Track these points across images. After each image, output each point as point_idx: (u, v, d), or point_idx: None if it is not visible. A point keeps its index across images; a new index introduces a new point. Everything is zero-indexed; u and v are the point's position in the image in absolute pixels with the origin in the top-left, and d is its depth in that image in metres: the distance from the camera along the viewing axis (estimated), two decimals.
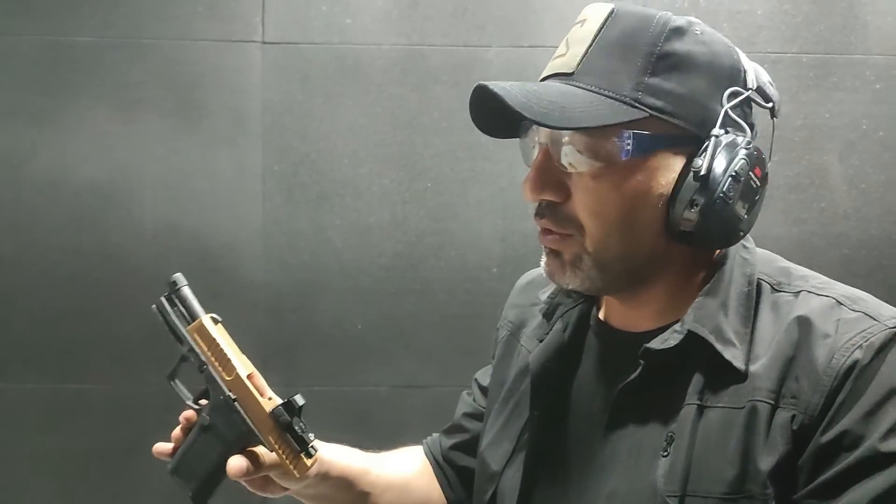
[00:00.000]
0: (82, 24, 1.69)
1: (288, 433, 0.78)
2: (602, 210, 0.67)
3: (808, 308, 0.66)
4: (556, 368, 0.79)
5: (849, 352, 0.62)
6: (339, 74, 1.72)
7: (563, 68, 0.68)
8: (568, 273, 0.70)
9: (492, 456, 0.83)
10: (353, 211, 1.74)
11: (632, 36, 0.66)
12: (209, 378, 0.80)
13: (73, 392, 1.72)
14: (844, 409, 0.61)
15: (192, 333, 0.80)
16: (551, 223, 0.69)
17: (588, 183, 0.67)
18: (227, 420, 0.79)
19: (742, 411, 0.64)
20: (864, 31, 1.73)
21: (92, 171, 1.70)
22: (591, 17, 0.69)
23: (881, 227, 1.75)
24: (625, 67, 0.65)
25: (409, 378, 1.76)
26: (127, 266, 1.71)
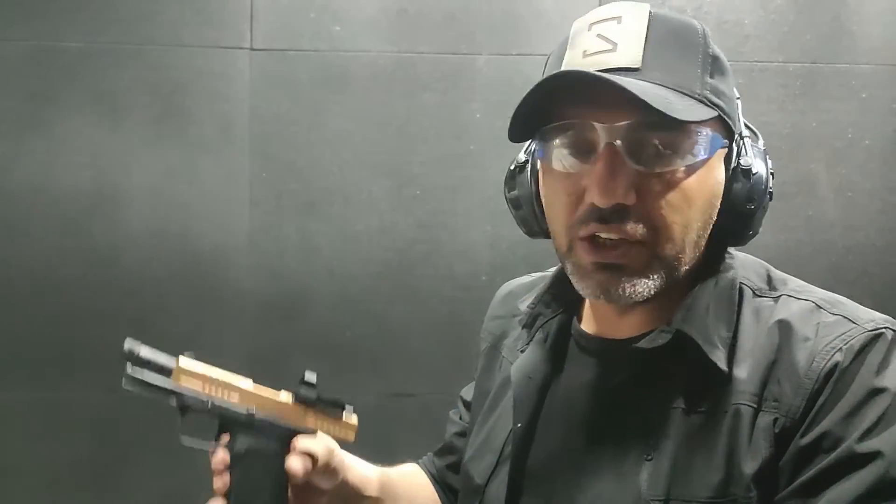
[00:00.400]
0: (68, 30, 1.68)
1: (320, 407, 0.78)
2: (685, 210, 0.65)
3: (788, 312, 0.67)
4: (538, 379, 0.78)
5: (829, 354, 0.62)
6: (327, 81, 1.72)
7: (623, 63, 0.63)
8: (635, 284, 0.66)
9: (475, 469, 0.82)
10: (341, 218, 1.73)
11: (683, 35, 0.66)
12: (219, 410, 0.76)
13: (59, 400, 1.70)
14: (825, 411, 0.61)
15: (178, 381, 0.75)
16: (620, 228, 0.64)
17: (671, 181, 0.64)
18: (258, 435, 0.76)
19: (725, 415, 0.64)
20: (849, 40, 1.75)
21: (77, 178, 1.69)
22: (626, 14, 0.65)
23: (867, 235, 1.76)
24: (687, 66, 0.65)
25: (398, 386, 1.75)
26: (113, 274, 1.69)
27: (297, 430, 0.77)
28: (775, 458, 0.62)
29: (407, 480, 0.96)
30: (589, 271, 0.67)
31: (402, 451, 1.03)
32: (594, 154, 0.65)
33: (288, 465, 0.75)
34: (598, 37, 0.65)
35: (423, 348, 1.74)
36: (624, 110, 0.62)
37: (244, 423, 0.75)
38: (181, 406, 0.75)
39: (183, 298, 1.71)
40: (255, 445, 0.75)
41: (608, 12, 0.67)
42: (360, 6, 1.71)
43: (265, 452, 0.75)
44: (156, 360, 0.75)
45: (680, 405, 0.67)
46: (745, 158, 0.69)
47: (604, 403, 0.72)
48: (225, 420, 0.76)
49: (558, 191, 0.68)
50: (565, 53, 0.68)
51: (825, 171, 1.76)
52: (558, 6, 1.72)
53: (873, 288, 1.74)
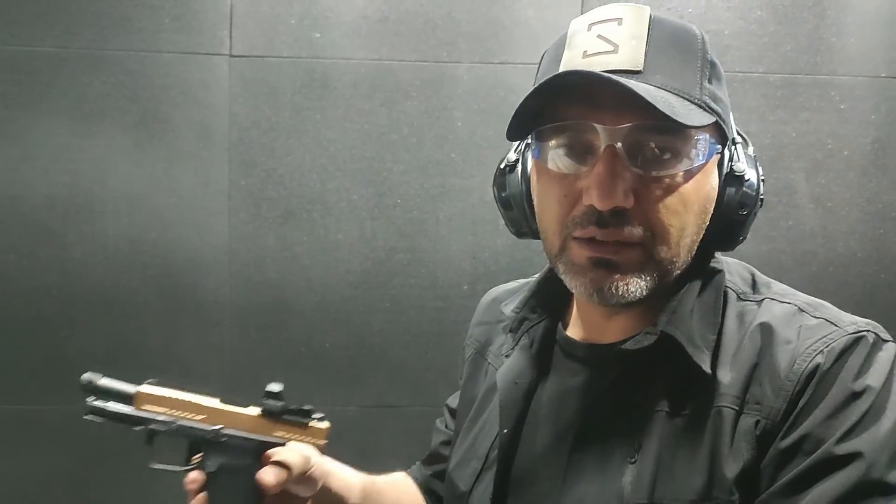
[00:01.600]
0: (43, 35, 1.65)
1: (287, 417, 0.78)
2: (682, 214, 0.65)
3: (770, 315, 0.68)
4: (523, 384, 0.78)
5: (810, 357, 0.63)
6: (307, 89, 1.70)
7: (625, 65, 0.63)
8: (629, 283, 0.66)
9: (459, 476, 0.82)
10: (321, 227, 1.71)
11: (684, 40, 0.66)
12: (186, 431, 0.76)
13: (31, 413, 1.67)
14: (806, 413, 0.62)
15: (142, 407, 0.76)
16: (617, 231, 0.64)
17: (669, 185, 0.64)
18: (229, 452, 0.76)
19: (708, 418, 0.65)
20: (828, 52, 1.76)
21: (51, 186, 1.66)
22: (627, 15, 0.65)
23: (847, 245, 1.77)
24: (688, 70, 0.65)
25: (378, 397, 1.73)
26: (87, 283, 1.67)
27: (268, 443, 0.77)
28: (757, 460, 0.63)
29: (394, 488, 0.95)
30: (583, 268, 0.67)
31: (384, 462, 1.02)
32: (592, 156, 0.64)
33: (259, 477, 0.74)
34: (598, 37, 0.65)
35: (404, 358, 1.73)
36: (625, 112, 0.62)
37: (213, 442, 0.76)
38: (147, 432, 0.76)
39: (160, 308, 1.68)
40: (227, 462, 0.75)
41: (609, 13, 0.66)
42: (340, 13, 1.70)
43: (238, 468, 0.75)
44: (116, 388, 0.75)
45: (664, 408, 0.67)
46: (738, 164, 0.69)
47: (589, 407, 0.72)
48: (194, 440, 0.77)
49: (553, 191, 0.68)
50: (563, 53, 0.67)
51: (805, 182, 1.77)
52: (540, 15, 1.72)
53: (854, 298, 1.75)
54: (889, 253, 1.77)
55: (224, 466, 0.75)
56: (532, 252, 1.71)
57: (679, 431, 0.66)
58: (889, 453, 0.59)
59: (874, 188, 1.77)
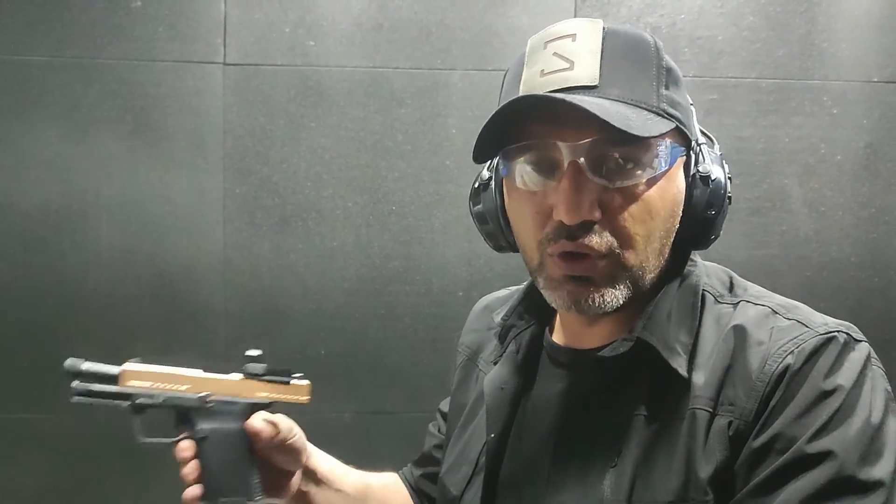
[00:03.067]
0: (36, 43, 1.65)
1: (268, 377, 0.81)
2: (649, 222, 0.66)
3: (744, 317, 0.69)
4: (510, 390, 0.79)
5: (781, 357, 0.64)
6: (301, 97, 1.70)
7: (581, 81, 0.64)
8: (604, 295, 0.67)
9: (451, 480, 0.83)
10: (316, 235, 1.71)
11: (639, 49, 0.67)
12: (173, 402, 0.78)
13: (26, 422, 1.66)
14: (776, 413, 0.62)
15: (126, 384, 0.77)
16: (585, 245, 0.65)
17: (633, 195, 0.65)
18: (217, 417, 0.78)
19: (683, 420, 0.66)
20: (820, 57, 1.77)
21: (45, 195, 1.65)
22: (580, 30, 0.66)
23: (840, 250, 1.77)
24: (643, 80, 0.66)
25: (373, 404, 1.73)
26: (81, 292, 1.66)
27: (253, 404, 0.80)
28: (730, 460, 0.64)
29: (384, 485, 0.98)
30: (560, 283, 0.68)
31: (380, 468, 1.03)
32: (558, 172, 0.66)
33: (249, 425, 0.77)
34: (554, 55, 0.66)
35: (399, 365, 1.73)
36: (585, 128, 0.63)
37: (200, 409, 0.77)
38: (134, 407, 0.76)
39: (154, 317, 1.68)
40: (216, 427, 0.77)
41: (562, 30, 0.67)
42: (335, 21, 1.70)
43: (227, 432, 0.77)
44: (100, 370, 0.77)
45: (642, 412, 0.68)
46: (704, 165, 0.70)
47: (572, 413, 0.73)
48: (181, 410, 0.78)
49: (525, 209, 0.69)
50: (523, 72, 0.68)
51: (798, 187, 1.78)
52: (534, 22, 1.73)
53: (848, 303, 1.75)
54: (882, 257, 1.78)
55: (214, 431, 0.77)
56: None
57: (656, 435, 0.67)
58: (860, 451, 0.60)
59: (867, 193, 1.78)
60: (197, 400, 0.78)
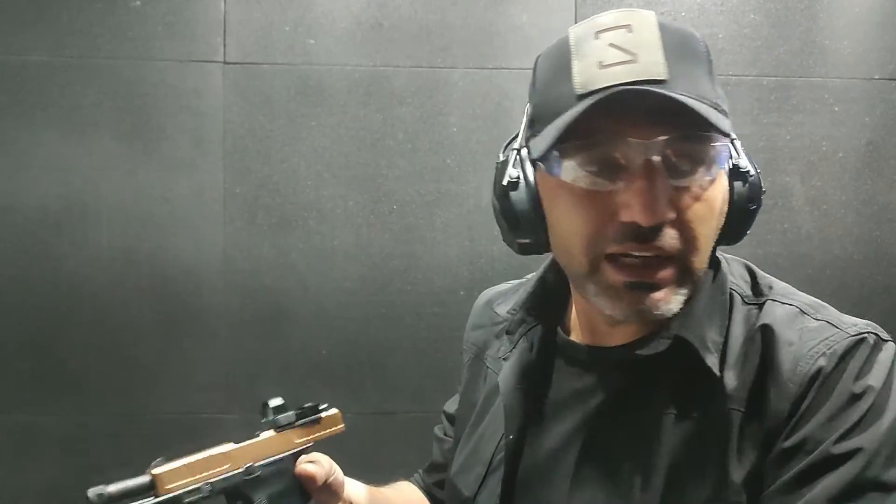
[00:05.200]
0: (34, 43, 1.64)
1: (300, 422, 0.80)
2: (711, 221, 0.65)
3: (772, 317, 0.68)
4: (526, 388, 0.77)
5: (813, 359, 0.63)
6: (301, 96, 1.70)
7: (650, 74, 0.61)
8: (668, 302, 0.65)
9: (463, 481, 0.81)
10: (317, 234, 1.71)
11: (692, 43, 0.64)
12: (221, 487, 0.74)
13: (27, 424, 1.66)
14: (808, 415, 0.62)
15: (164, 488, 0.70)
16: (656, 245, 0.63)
17: (701, 194, 0.64)
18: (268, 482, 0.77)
19: (716, 421, 0.65)
20: (821, 55, 1.77)
21: (44, 196, 1.65)
22: (635, 22, 0.63)
23: (843, 248, 1.77)
24: (702, 75, 0.64)
25: (375, 405, 1.72)
26: (82, 293, 1.65)
27: (296, 454, 0.79)
28: (761, 461, 0.63)
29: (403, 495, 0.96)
30: (619, 291, 0.65)
31: (383, 469, 1.01)
32: (624, 170, 0.62)
33: (302, 472, 0.77)
34: (611, 46, 0.62)
35: (401, 365, 1.72)
36: (656, 124, 0.60)
37: (251, 481, 0.76)
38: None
39: (155, 319, 1.67)
40: (272, 492, 0.77)
41: (614, 20, 0.64)
42: (335, 19, 1.70)
43: (284, 491, 0.77)
44: (130, 486, 0.69)
45: (672, 411, 0.67)
46: (741, 161, 0.69)
47: (598, 412, 0.72)
48: (231, 491, 0.75)
49: (580, 209, 0.64)
50: (570, 63, 0.64)
51: (800, 184, 1.77)
52: (534, 20, 1.72)
53: (850, 301, 1.75)
54: (885, 255, 1.78)
55: (270, 498, 0.76)
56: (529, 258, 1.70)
57: (687, 435, 0.66)
58: (888, 451, 0.60)
59: (869, 190, 1.78)
60: (243, 474, 0.75)
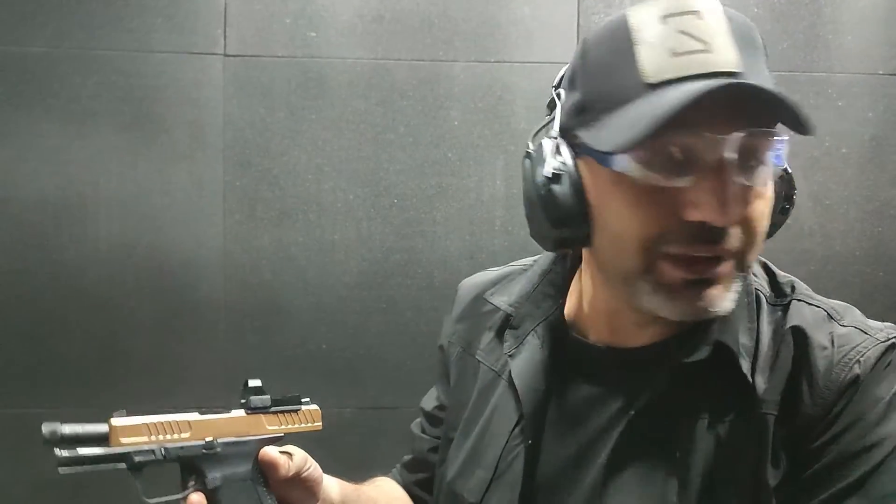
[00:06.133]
0: (34, 34, 1.63)
1: (276, 408, 0.74)
2: (766, 220, 0.63)
3: (802, 319, 0.67)
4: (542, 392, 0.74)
5: (848, 366, 0.63)
6: (302, 88, 1.69)
7: (726, 66, 0.58)
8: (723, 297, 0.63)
9: (463, 486, 0.77)
10: (317, 228, 1.70)
11: (752, 33, 0.62)
12: (175, 454, 0.69)
13: (25, 416, 1.65)
14: (842, 423, 0.62)
15: (119, 442, 0.67)
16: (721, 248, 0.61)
17: (763, 193, 0.62)
18: (226, 462, 0.70)
19: (750, 425, 0.64)
20: (825, 49, 1.76)
21: (43, 187, 1.64)
22: (702, 7, 0.60)
23: (845, 244, 1.76)
24: (764, 67, 0.61)
25: (374, 399, 1.72)
26: (80, 286, 1.65)
27: (264, 440, 0.73)
28: (793, 466, 0.63)
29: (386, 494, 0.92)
30: (677, 288, 0.62)
31: (380, 464, 1.01)
32: (695, 166, 0.59)
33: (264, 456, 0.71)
34: (681, 33, 0.59)
35: (401, 359, 1.72)
36: (735, 119, 0.58)
37: (207, 456, 0.70)
38: (132, 466, 0.68)
39: (154, 311, 1.67)
40: (227, 472, 0.70)
41: (680, 5, 0.60)
42: (336, 12, 1.69)
43: (241, 476, 0.71)
44: (84, 431, 0.67)
45: (705, 416, 0.66)
46: None
47: (625, 416, 0.69)
48: (186, 461, 0.70)
49: (639, 205, 0.61)
50: (634, 48, 0.60)
51: (803, 180, 1.76)
52: (536, 13, 1.71)
53: (852, 297, 1.71)
54: (887, 251, 1.77)
55: (226, 479, 0.70)
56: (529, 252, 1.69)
57: (721, 440, 0.65)
58: None
59: (872, 186, 1.77)
60: (202, 447, 0.69)
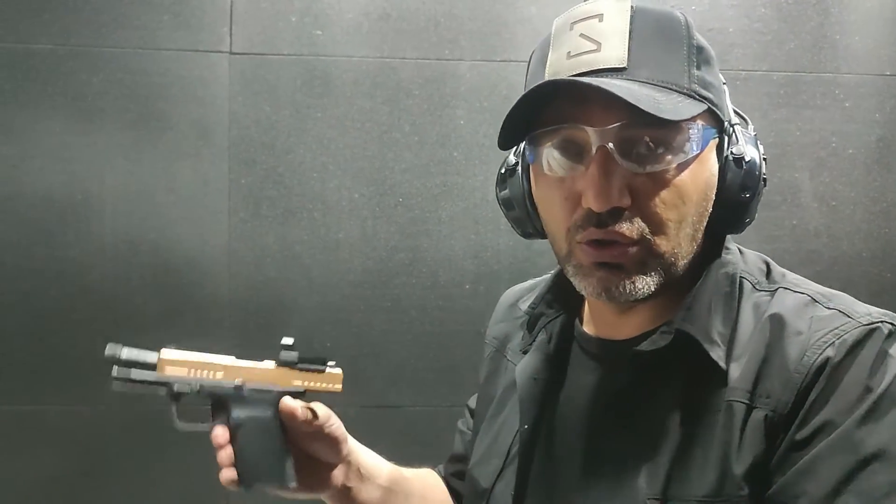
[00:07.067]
0: (40, 32, 1.63)
1: (302, 365, 0.82)
2: (681, 207, 0.64)
3: (782, 306, 0.67)
4: (543, 381, 0.78)
5: (820, 349, 0.62)
6: (307, 87, 1.69)
7: (610, 63, 0.63)
8: (635, 282, 0.65)
9: (481, 473, 0.82)
10: (322, 226, 1.70)
11: (669, 28, 0.65)
12: (209, 390, 0.80)
13: (29, 413, 1.65)
14: (818, 407, 0.60)
15: (163, 371, 0.79)
16: (620, 231, 0.64)
17: (663, 180, 0.64)
18: (251, 404, 0.80)
19: (720, 413, 0.64)
20: (832, 50, 1.75)
21: (48, 184, 1.64)
22: (608, 10, 0.64)
23: (851, 244, 1.76)
24: (674, 60, 0.64)
25: (379, 398, 1.72)
26: (85, 283, 1.65)
27: (286, 392, 0.81)
28: (767, 454, 0.62)
29: (422, 480, 0.96)
30: (589, 271, 0.67)
31: None
32: (586, 157, 0.64)
33: (284, 405, 0.78)
34: (580, 36, 0.64)
35: (405, 358, 1.72)
36: (613, 111, 0.61)
37: (235, 396, 0.79)
38: (171, 394, 0.79)
39: (159, 309, 1.67)
40: (251, 415, 0.79)
41: (589, 10, 0.65)
42: (341, 10, 1.69)
43: (261, 419, 0.79)
44: (138, 358, 0.78)
45: (678, 404, 0.66)
46: (737, 147, 0.68)
47: (605, 405, 0.72)
48: (216, 397, 0.80)
49: (553, 196, 0.68)
50: (549, 55, 0.67)
51: (809, 181, 1.76)
52: (542, 12, 1.71)
53: (859, 298, 1.72)
54: (894, 252, 1.76)
55: (248, 419, 0.79)
56: (534, 252, 1.69)
57: (692, 428, 0.65)
58: None
59: (879, 187, 1.76)
60: (232, 387, 0.80)
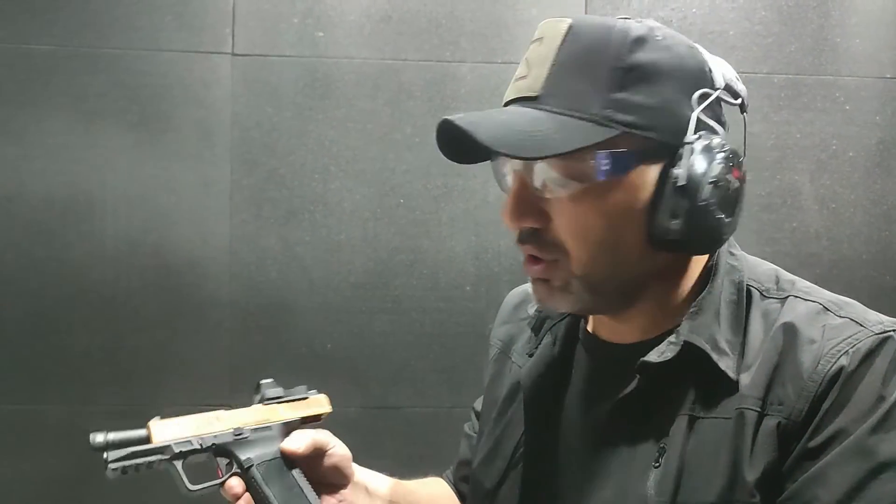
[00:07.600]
0: (42, 32, 1.64)
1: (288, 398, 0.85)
2: (585, 233, 0.65)
3: (794, 314, 0.66)
4: (547, 383, 0.78)
5: (834, 358, 0.61)
6: (309, 88, 1.69)
7: (526, 91, 0.65)
8: (558, 298, 0.69)
9: (484, 474, 0.82)
10: (323, 227, 1.70)
11: (593, 51, 0.63)
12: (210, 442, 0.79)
13: (30, 412, 1.65)
14: (831, 416, 0.60)
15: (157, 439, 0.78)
16: (536, 250, 0.67)
17: (568, 206, 0.65)
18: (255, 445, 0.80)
19: (730, 420, 0.64)
20: (833, 52, 1.76)
21: (50, 185, 1.64)
22: (547, 34, 0.65)
23: (852, 247, 1.76)
24: (591, 85, 0.63)
25: (379, 399, 1.72)
26: (86, 284, 1.65)
27: (285, 424, 0.83)
28: (779, 461, 0.62)
29: (428, 490, 0.97)
30: (532, 282, 0.71)
31: (386, 464, 1.00)
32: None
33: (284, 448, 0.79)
34: (525, 60, 0.67)
35: (406, 359, 1.72)
36: None
37: (238, 442, 0.80)
38: (175, 456, 0.77)
39: (160, 310, 1.67)
40: (258, 454, 0.79)
41: (540, 31, 0.67)
42: (343, 12, 1.69)
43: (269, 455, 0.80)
44: (127, 436, 0.78)
45: (687, 411, 0.66)
46: (675, 169, 0.63)
47: (611, 409, 0.71)
48: (219, 448, 0.80)
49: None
50: None
51: (809, 183, 1.76)
52: (544, 14, 1.69)
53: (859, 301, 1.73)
54: (894, 255, 1.76)
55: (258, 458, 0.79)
56: None
57: (702, 434, 0.65)
58: None
59: (879, 190, 1.76)
60: (232, 433, 0.80)
